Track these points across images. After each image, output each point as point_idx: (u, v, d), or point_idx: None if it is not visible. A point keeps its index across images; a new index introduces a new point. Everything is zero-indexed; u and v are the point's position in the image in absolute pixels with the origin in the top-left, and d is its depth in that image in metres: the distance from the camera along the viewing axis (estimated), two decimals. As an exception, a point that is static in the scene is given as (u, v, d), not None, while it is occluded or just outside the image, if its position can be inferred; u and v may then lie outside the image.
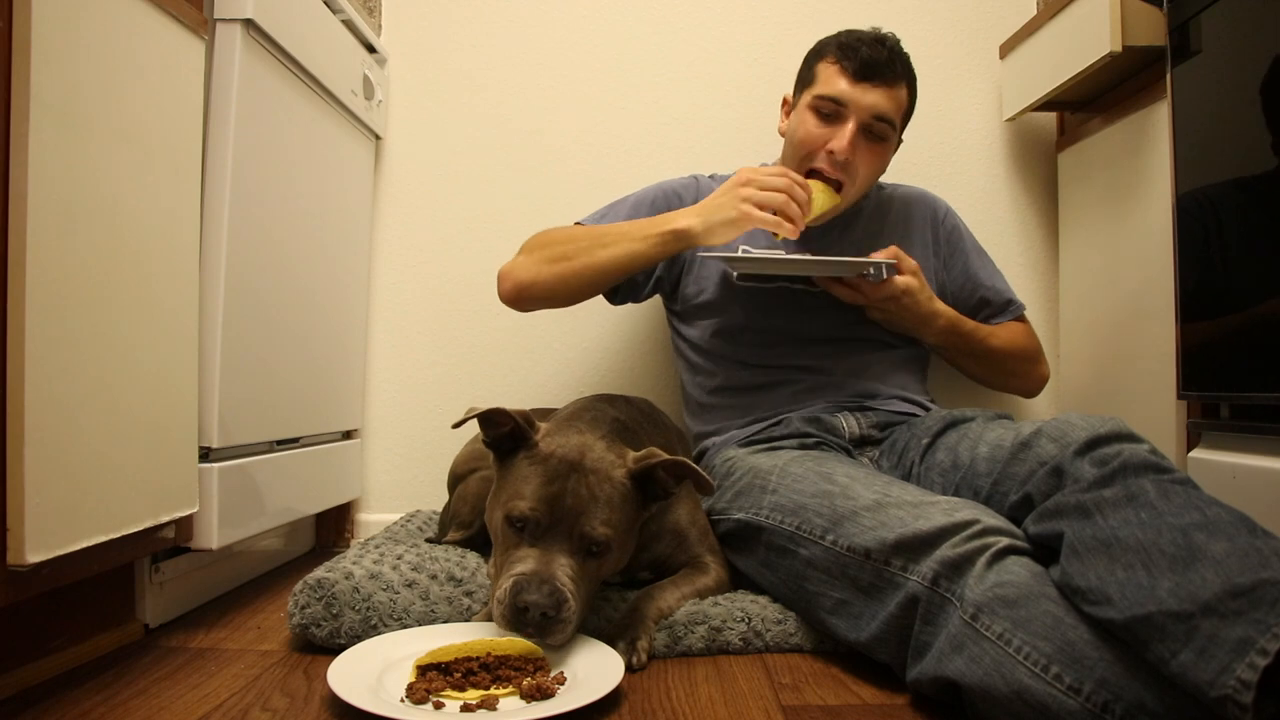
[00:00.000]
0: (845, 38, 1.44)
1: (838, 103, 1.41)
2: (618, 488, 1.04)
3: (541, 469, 1.03)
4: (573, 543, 1.00)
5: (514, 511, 1.01)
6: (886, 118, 1.41)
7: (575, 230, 1.48)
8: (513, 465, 1.06)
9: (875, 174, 1.49)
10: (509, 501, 1.03)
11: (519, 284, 1.43)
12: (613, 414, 1.20)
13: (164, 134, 1.07)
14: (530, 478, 1.03)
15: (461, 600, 1.16)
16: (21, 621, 0.97)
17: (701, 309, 1.53)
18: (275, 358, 1.39)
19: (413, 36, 1.86)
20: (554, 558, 0.99)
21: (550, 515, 1.00)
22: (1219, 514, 0.80)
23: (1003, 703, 0.81)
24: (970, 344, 1.51)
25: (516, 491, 1.02)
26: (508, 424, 1.06)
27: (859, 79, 1.40)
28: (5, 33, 0.83)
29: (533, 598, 0.95)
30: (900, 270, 1.41)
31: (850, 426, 1.42)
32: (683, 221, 1.34)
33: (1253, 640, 0.68)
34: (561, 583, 0.97)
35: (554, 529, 1.00)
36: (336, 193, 1.63)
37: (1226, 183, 1.23)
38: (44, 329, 0.87)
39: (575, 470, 1.03)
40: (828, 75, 1.43)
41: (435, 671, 0.92)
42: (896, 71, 1.42)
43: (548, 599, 0.95)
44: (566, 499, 1.01)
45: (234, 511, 1.25)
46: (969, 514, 0.96)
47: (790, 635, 1.12)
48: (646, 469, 1.06)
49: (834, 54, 1.43)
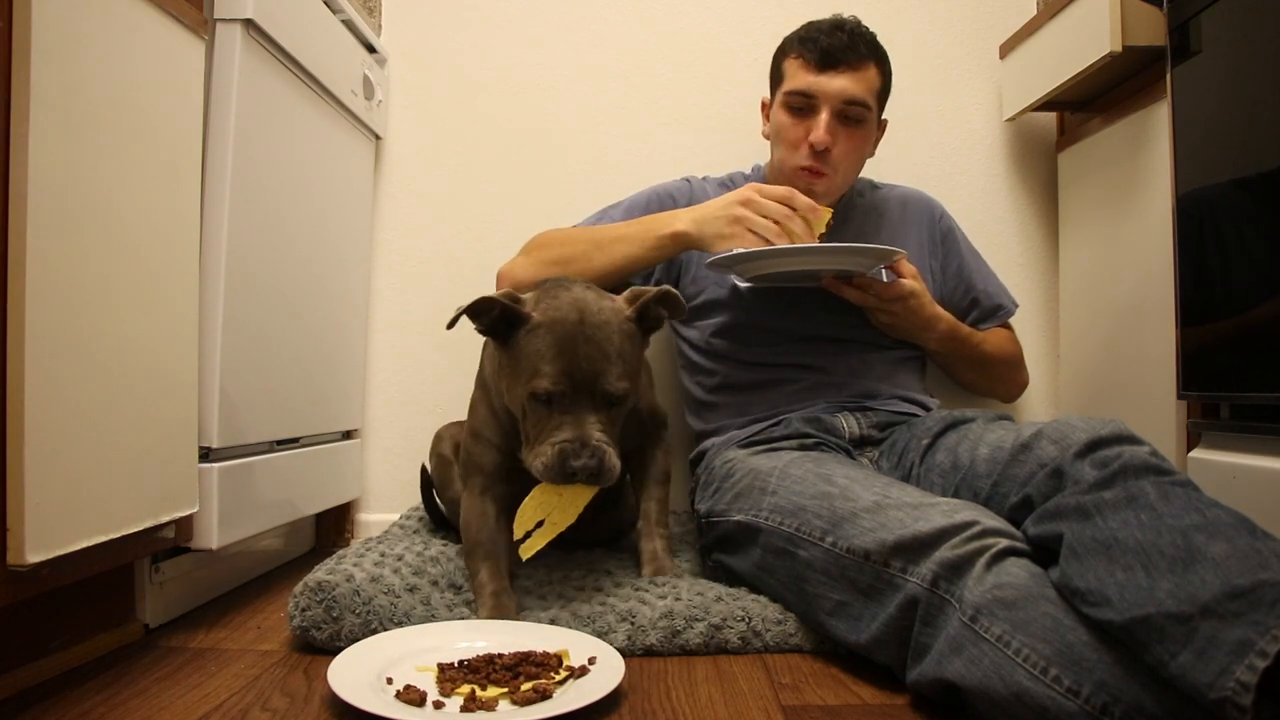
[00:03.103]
0: (805, 30, 1.46)
1: (806, 95, 1.42)
2: (625, 335, 1.12)
3: (549, 339, 1.09)
4: (596, 400, 1.09)
5: (538, 390, 1.08)
6: (858, 100, 1.42)
7: (574, 232, 1.48)
8: (517, 343, 1.11)
9: (859, 158, 1.49)
10: (530, 381, 1.09)
11: (518, 285, 1.43)
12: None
13: (164, 134, 1.07)
14: (543, 352, 1.08)
15: (462, 610, 1.16)
16: (21, 621, 0.97)
17: (700, 310, 1.53)
18: (275, 358, 1.39)
19: (413, 36, 1.86)
20: (584, 419, 1.08)
21: (571, 383, 1.08)
22: (1219, 516, 0.80)
23: (1002, 704, 0.81)
24: (966, 349, 1.53)
25: (534, 370, 1.09)
26: (495, 308, 1.11)
27: (823, 68, 1.41)
28: (5, 33, 0.83)
29: (580, 463, 1.06)
30: (901, 273, 1.41)
31: (850, 427, 1.42)
32: (680, 225, 1.35)
33: (1252, 642, 0.68)
34: (600, 441, 1.08)
35: (577, 393, 1.08)
36: (336, 193, 1.63)
37: (1226, 183, 1.23)
38: (44, 329, 0.87)
39: (580, 330, 1.09)
40: (793, 70, 1.45)
41: (455, 669, 0.94)
42: (860, 53, 1.42)
43: (593, 461, 1.07)
44: (582, 363, 1.08)
45: (234, 511, 1.25)
46: (968, 515, 0.96)
47: (790, 635, 1.12)
48: (642, 307, 1.15)
49: (796, 48, 1.45)
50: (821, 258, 1.35)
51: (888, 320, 1.45)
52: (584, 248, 1.40)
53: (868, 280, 1.40)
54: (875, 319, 1.46)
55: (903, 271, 1.41)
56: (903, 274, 1.41)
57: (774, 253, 1.33)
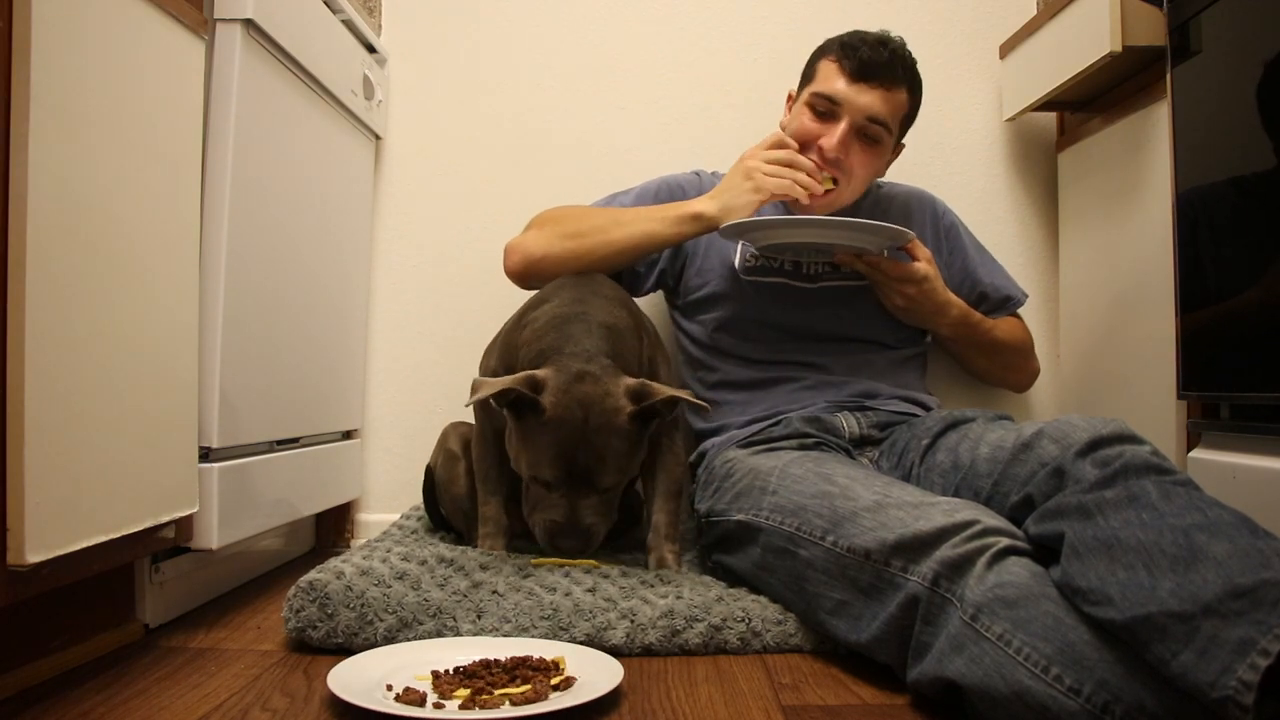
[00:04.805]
0: (849, 37, 1.44)
1: (833, 101, 1.41)
2: (623, 437, 1.19)
3: (555, 437, 1.17)
4: (590, 488, 1.19)
5: (538, 475, 1.19)
6: (880, 120, 1.41)
7: (588, 209, 1.49)
8: (527, 427, 1.20)
9: (870, 176, 1.49)
10: (532, 467, 1.20)
11: (529, 257, 1.43)
12: (599, 320, 1.27)
13: (164, 134, 1.07)
14: (548, 446, 1.18)
15: (454, 580, 1.16)
16: (21, 621, 0.97)
17: (704, 302, 1.53)
18: (275, 358, 1.39)
19: (413, 36, 1.86)
20: (578, 502, 1.19)
21: (569, 477, 1.18)
22: (1220, 515, 0.80)
23: (1003, 704, 0.81)
24: (978, 335, 1.53)
25: (536, 459, 1.19)
26: (512, 394, 1.18)
27: (856, 79, 1.40)
28: (5, 33, 0.83)
29: (565, 543, 1.19)
30: (916, 256, 1.41)
31: (850, 426, 1.42)
32: (700, 206, 1.38)
33: (1254, 641, 0.68)
34: (587, 523, 1.19)
35: (573, 482, 1.19)
36: (336, 193, 1.63)
37: (1226, 183, 1.23)
38: (44, 329, 0.87)
39: (583, 432, 1.17)
40: (827, 73, 1.44)
41: (451, 675, 0.94)
42: (896, 75, 1.42)
43: (579, 542, 1.19)
44: (579, 460, 1.17)
45: (234, 511, 1.25)
46: (969, 514, 0.96)
47: (790, 635, 1.12)
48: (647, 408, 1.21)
49: (835, 52, 1.44)
50: (835, 231, 1.36)
51: (903, 304, 1.44)
52: (602, 222, 1.41)
53: (877, 259, 1.40)
54: (890, 302, 1.46)
55: (916, 255, 1.41)
56: (917, 258, 1.41)
57: (788, 223, 1.34)
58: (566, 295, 1.33)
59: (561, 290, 1.35)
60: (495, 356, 1.39)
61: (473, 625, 1.10)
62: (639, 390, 1.20)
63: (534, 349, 1.26)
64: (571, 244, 1.41)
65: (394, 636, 1.08)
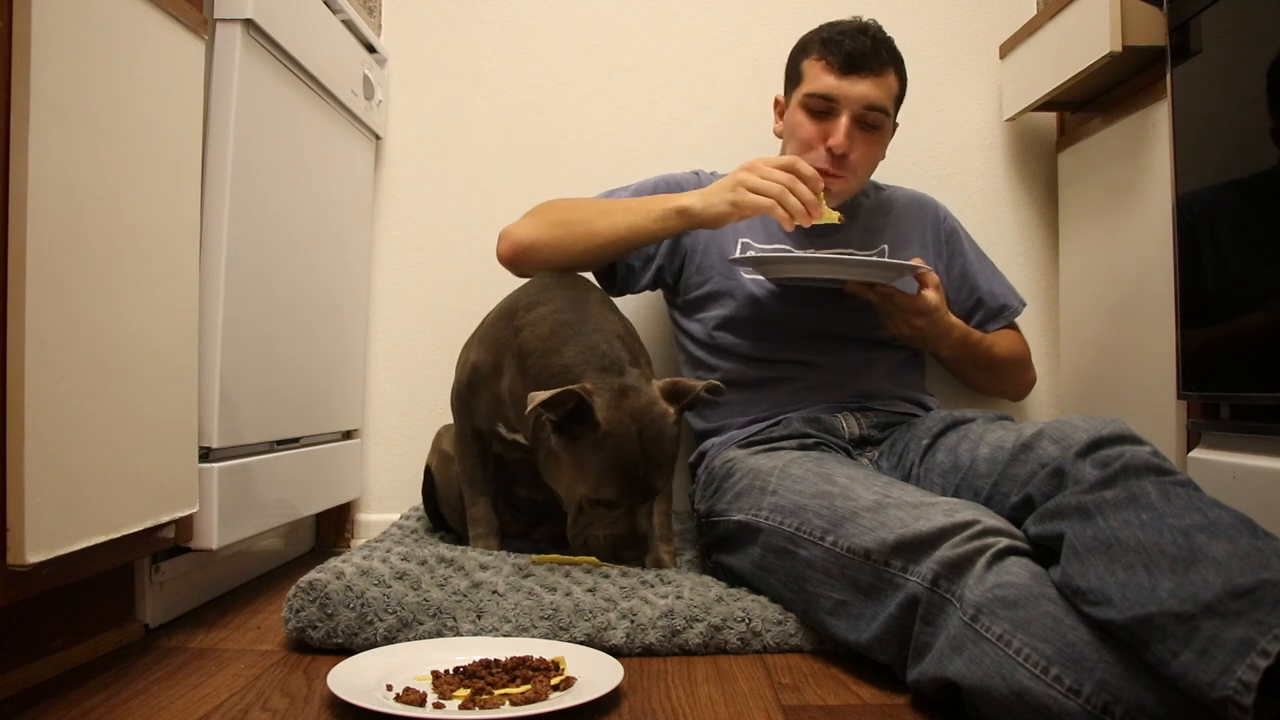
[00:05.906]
0: (827, 32, 1.45)
1: (828, 99, 1.42)
2: (673, 440, 1.20)
3: (615, 455, 1.15)
4: (646, 497, 1.19)
5: (601, 497, 1.17)
6: (878, 106, 1.42)
7: (580, 200, 1.49)
8: (580, 447, 1.16)
9: (873, 162, 1.50)
10: (594, 490, 1.17)
11: (518, 244, 1.44)
12: (611, 329, 1.27)
13: (164, 134, 1.07)
14: (607, 467, 1.15)
15: (454, 580, 1.16)
16: (21, 621, 0.97)
17: (704, 300, 1.53)
18: (275, 358, 1.39)
19: (413, 36, 1.86)
20: (636, 516, 1.18)
21: (630, 492, 1.17)
22: (1220, 515, 0.80)
23: (1003, 704, 0.81)
24: (977, 354, 1.54)
25: (598, 482, 1.16)
26: (573, 400, 1.13)
27: (846, 72, 1.41)
28: (5, 33, 0.83)
29: (629, 554, 1.19)
30: (925, 283, 1.40)
31: (850, 427, 1.42)
32: (684, 200, 1.36)
33: (1254, 641, 0.68)
34: (644, 530, 1.20)
35: (632, 496, 1.18)
36: (336, 193, 1.63)
37: (1226, 183, 1.23)
38: (44, 329, 0.87)
39: (639, 445, 1.15)
40: (814, 72, 1.44)
41: (451, 675, 0.94)
42: (882, 59, 1.42)
43: (638, 550, 1.19)
44: (639, 473, 1.16)
45: (234, 511, 1.25)
46: (969, 515, 0.96)
47: (790, 635, 1.12)
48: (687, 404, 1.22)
49: (818, 50, 1.44)
50: (845, 269, 1.35)
51: (910, 333, 1.44)
52: (589, 213, 1.41)
53: (890, 290, 1.40)
54: (896, 330, 1.44)
55: (926, 281, 1.41)
56: (926, 284, 1.41)
57: (798, 260, 1.34)
58: (560, 299, 1.30)
59: (549, 291, 1.32)
60: (476, 351, 1.37)
61: (473, 625, 1.10)
62: (674, 390, 1.21)
63: (554, 361, 1.22)
64: (558, 232, 1.41)
65: (394, 636, 1.08)
